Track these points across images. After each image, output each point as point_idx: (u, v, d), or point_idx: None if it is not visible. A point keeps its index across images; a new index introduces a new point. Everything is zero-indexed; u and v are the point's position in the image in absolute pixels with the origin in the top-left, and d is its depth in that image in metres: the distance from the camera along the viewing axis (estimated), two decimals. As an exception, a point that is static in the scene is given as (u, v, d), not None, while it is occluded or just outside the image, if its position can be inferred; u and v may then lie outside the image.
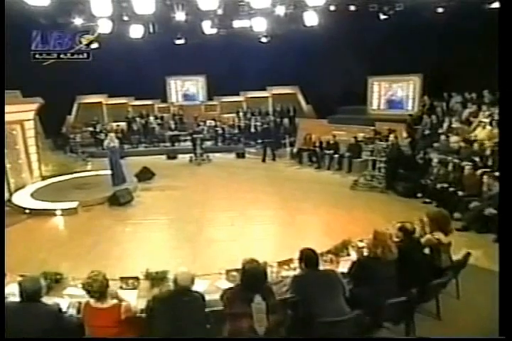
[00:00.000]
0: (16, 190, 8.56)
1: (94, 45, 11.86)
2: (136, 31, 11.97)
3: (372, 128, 10.09)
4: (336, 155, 10.56)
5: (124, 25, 11.66)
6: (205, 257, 5.38)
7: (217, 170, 11.09)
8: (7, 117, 8.13)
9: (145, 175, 9.79)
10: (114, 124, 14.57)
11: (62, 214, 7.38)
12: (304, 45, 13.04)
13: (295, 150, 11.86)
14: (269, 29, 12.25)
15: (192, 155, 12.10)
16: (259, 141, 12.57)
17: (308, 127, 12.33)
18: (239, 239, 6.05)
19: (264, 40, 12.85)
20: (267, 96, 15.94)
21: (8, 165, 8.31)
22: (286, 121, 14.93)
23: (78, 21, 10.62)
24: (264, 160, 11.83)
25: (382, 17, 11.18)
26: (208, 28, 12.30)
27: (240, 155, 12.59)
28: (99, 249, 5.87)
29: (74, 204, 7.53)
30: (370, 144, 8.49)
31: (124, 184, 8.98)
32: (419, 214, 6.47)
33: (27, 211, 7.46)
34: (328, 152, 10.71)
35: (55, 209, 7.41)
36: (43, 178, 9.62)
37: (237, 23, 12.31)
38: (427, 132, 10.05)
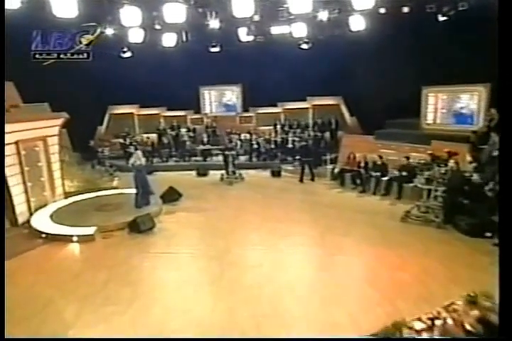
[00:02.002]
0: (37, 209, 8.50)
1: (127, 54, 12.02)
2: (168, 40, 11.90)
3: (429, 151, 9.03)
4: (384, 179, 9.61)
5: (157, 34, 11.61)
6: (225, 309, 4.77)
7: (249, 190, 10.51)
8: (29, 134, 8.13)
9: (171, 196, 9.44)
10: (145, 136, 14.52)
11: (78, 241, 7.13)
12: (349, 52, 12.28)
13: (336, 170, 11.03)
14: (310, 35, 11.67)
15: (224, 172, 11.64)
16: (297, 157, 11.87)
17: (352, 144, 11.46)
18: (266, 285, 5.37)
19: (304, 46, 12.23)
20: (306, 108, 15.25)
21: (29, 184, 8.25)
22: (327, 135, 14.23)
23: (109, 31, 10.66)
24: (301, 180, 11.12)
25: (441, 18, 10.21)
26: (244, 35, 11.97)
27: (276, 174, 11.97)
28: (109, 288, 5.44)
29: (91, 230, 7.25)
30: (426, 171, 7.49)
31: (147, 206, 8.69)
32: (488, 260, 5.63)
33: (43, 235, 7.28)
34: (374, 174, 9.79)
35: (71, 235, 7.17)
36: (66, 196, 9.55)
37: (275, 30, 11.88)
38: (495, 153, 8.83)
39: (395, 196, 9.20)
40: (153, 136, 14.59)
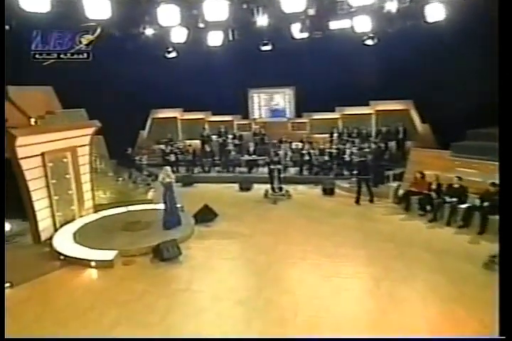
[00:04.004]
0: (64, 224, 8.45)
1: (172, 54, 11.83)
2: (214, 38, 11.48)
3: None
4: (462, 206, 8.24)
5: (201, 33, 11.23)
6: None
7: (295, 212, 9.68)
8: (57, 144, 8.07)
9: (205, 216, 8.95)
10: (187, 143, 14.31)
11: (96, 267, 6.87)
12: (423, 48, 11.02)
13: (401, 191, 9.80)
14: (375, 29, 10.56)
15: (269, 187, 10.94)
16: (355, 172, 10.80)
17: (422, 159, 10.16)
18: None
19: (369, 42, 11.11)
20: (369, 114, 14.05)
21: (55, 197, 8.21)
22: (392, 145, 12.96)
23: (149, 31, 10.48)
24: (357, 202, 10.06)
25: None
26: (297, 31, 11.19)
27: (328, 192, 11.01)
28: (115, 331, 5.03)
29: (111, 255, 6.95)
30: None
31: (178, 227, 8.27)
32: None
33: (62, 257, 7.12)
34: (449, 199, 8.44)
35: (90, 260, 6.91)
36: (96, 209, 9.47)
37: (334, 24, 10.93)
38: None
39: (476, 230, 7.80)
40: (196, 143, 14.32)
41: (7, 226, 8.17)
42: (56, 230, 8.22)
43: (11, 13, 8.15)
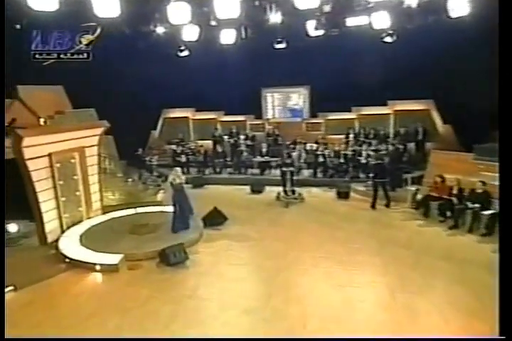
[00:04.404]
0: (71, 226, 8.46)
1: (184, 53, 11.76)
2: (226, 37, 11.37)
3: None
4: (486, 213, 7.89)
5: (213, 31, 11.14)
6: None
7: (307, 216, 9.45)
8: (65, 145, 8.07)
9: (214, 219, 8.83)
10: (199, 143, 14.24)
11: (101, 271, 6.82)
12: (445, 45, 10.66)
13: (420, 195, 9.48)
14: (394, 25, 10.26)
15: (281, 190, 10.75)
16: (371, 175, 10.52)
17: (443, 162, 9.80)
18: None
19: (388, 39, 10.79)
20: (387, 114, 13.72)
21: (62, 199, 8.21)
22: (411, 146, 12.64)
23: (160, 30, 10.44)
24: (373, 206, 9.79)
25: None
26: (312, 28, 10.98)
27: (343, 195, 10.75)
28: (118, 340, 4.94)
29: (116, 260, 6.89)
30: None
31: (186, 230, 8.18)
32: None
33: (67, 260, 7.09)
34: (471, 205, 8.10)
35: (95, 264, 6.86)
36: (105, 211, 9.46)
37: (351, 21, 10.68)
38: None
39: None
40: (208, 144, 14.24)
41: (14, 228, 8.22)
42: (63, 232, 8.23)
43: (19, 13, 8.23)
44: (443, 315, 5.20)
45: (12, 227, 8.19)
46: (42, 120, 9.33)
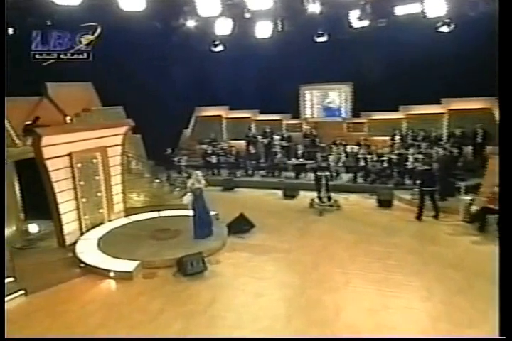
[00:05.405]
0: (91, 228, 8.50)
1: (219, 48, 11.62)
2: (262, 30, 11.12)
3: None
4: (553, 231, 7.02)
5: (248, 24, 10.91)
6: None
7: (342, 226, 8.94)
8: (86, 144, 8.10)
9: (240, 226, 8.56)
10: (231, 143, 14.07)
11: (114, 278, 6.76)
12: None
13: (475, 207, 8.68)
14: (451, 13, 9.51)
15: (315, 196, 10.28)
16: (418, 182, 9.78)
17: (504, 170, 8.89)
18: None
19: (444, 29, 10.06)
20: (440, 113, 12.82)
21: (82, 200, 8.27)
22: (468, 150, 11.71)
23: (191, 23, 10.35)
24: (419, 218, 9.09)
25: None
26: (356, 19, 10.42)
27: (385, 204, 10.12)
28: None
29: (131, 267, 6.80)
30: None
31: (209, 237, 7.98)
32: None
33: (82, 264, 7.08)
34: (536, 221, 7.25)
35: (109, 270, 6.79)
36: (128, 213, 9.45)
37: (401, 9, 10.05)
38: None
39: None
40: (241, 144, 14.02)
41: (34, 228, 8.38)
42: (82, 234, 8.28)
43: (46, 9, 8.41)
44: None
45: (33, 228, 8.36)
46: (68, 118, 9.50)
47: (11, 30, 9.19)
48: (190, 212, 9.21)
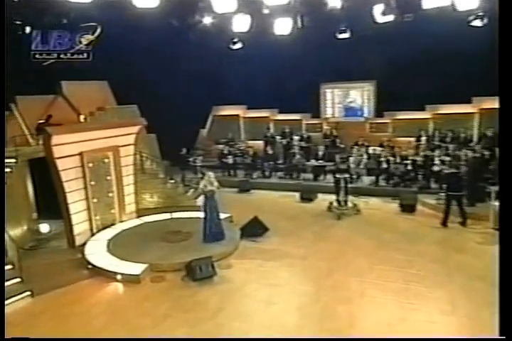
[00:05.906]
0: (101, 229, 8.52)
1: (237, 45, 11.49)
2: (281, 26, 10.90)
3: None
4: None
5: (266, 20, 10.73)
6: None
7: (361, 231, 8.66)
8: (97, 144, 8.10)
9: (253, 229, 8.42)
10: (248, 144, 13.94)
11: (122, 281, 6.71)
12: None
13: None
14: (484, 6, 9.08)
15: (334, 199, 10.01)
16: (444, 186, 9.39)
17: (538, 174, 8.42)
18: None
19: (477, 23, 9.59)
20: (471, 113, 12.32)
21: (93, 200, 8.29)
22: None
23: (207, 20, 10.25)
24: (444, 224, 8.72)
25: None
26: (380, 14, 10.10)
27: (408, 208, 9.77)
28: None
29: (139, 270, 6.74)
30: None
31: (220, 241, 7.86)
32: None
33: (90, 266, 7.06)
34: None
35: (117, 273, 6.74)
36: (140, 214, 9.44)
37: (428, 3, 9.65)
38: None
39: None
40: (259, 144, 13.86)
41: (45, 228, 8.44)
42: (93, 235, 8.29)
43: (61, 8, 8.47)
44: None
45: (44, 227, 8.42)
46: (82, 117, 9.57)
47: (28, 29, 9.40)
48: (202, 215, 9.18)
